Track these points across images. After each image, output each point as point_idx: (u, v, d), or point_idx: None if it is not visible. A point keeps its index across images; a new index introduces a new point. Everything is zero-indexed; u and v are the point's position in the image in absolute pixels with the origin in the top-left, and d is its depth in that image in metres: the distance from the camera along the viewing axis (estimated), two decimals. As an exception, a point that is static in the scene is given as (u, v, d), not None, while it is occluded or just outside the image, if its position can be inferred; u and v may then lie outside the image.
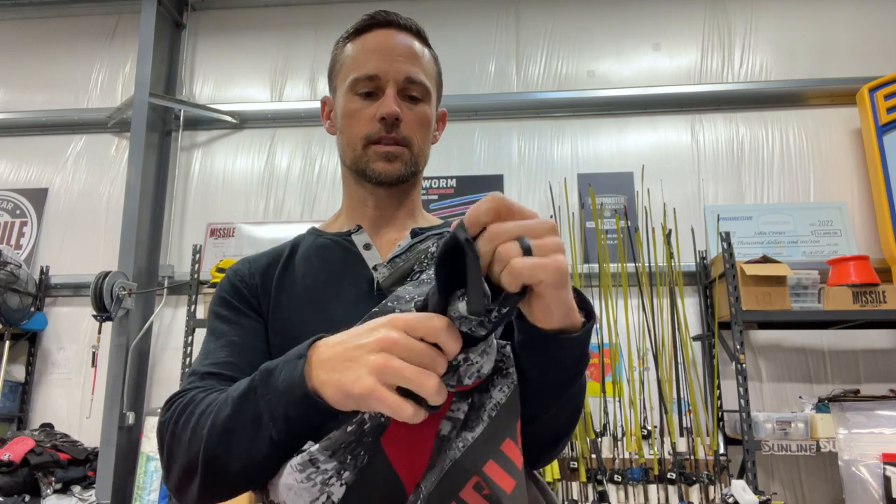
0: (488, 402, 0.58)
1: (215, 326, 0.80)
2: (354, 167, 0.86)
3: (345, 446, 0.55)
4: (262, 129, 3.62)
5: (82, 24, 3.85)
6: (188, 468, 0.63)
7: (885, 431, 2.50)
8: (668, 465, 2.82)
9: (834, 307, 2.64)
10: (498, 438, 0.56)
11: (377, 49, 0.83)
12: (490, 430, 0.56)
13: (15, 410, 3.25)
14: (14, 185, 3.64)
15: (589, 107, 3.44)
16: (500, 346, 0.61)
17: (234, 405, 0.60)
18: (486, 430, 0.56)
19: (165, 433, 0.66)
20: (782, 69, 3.36)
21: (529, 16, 3.61)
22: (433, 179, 3.38)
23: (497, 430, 0.57)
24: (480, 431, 0.56)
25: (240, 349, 0.76)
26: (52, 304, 3.46)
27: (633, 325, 3.05)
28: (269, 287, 0.82)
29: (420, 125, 0.85)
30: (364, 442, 0.56)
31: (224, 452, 0.60)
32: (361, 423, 0.55)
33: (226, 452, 0.60)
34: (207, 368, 0.73)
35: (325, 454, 0.55)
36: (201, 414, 0.63)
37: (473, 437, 0.56)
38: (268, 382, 0.59)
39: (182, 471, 0.63)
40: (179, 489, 0.65)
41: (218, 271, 3.00)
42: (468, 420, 0.57)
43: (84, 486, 2.89)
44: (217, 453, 0.60)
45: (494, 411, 0.57)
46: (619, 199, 3.26)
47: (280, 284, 0.82)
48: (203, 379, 0.72)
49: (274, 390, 0.58)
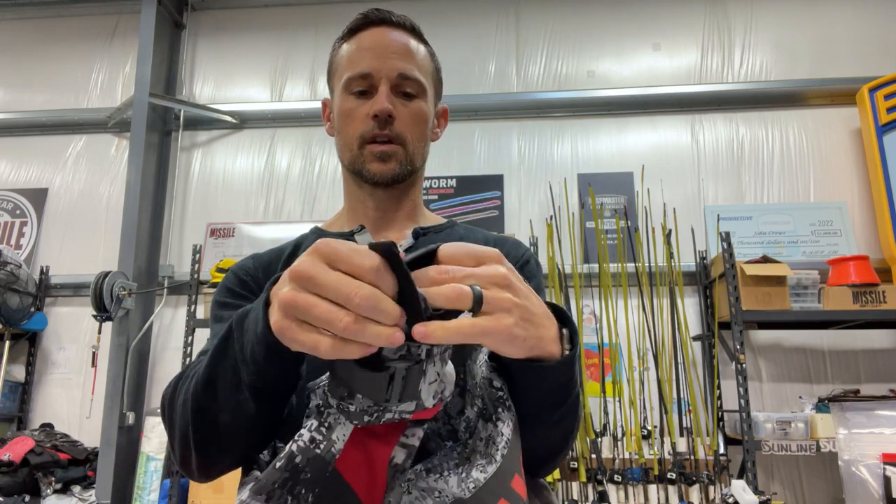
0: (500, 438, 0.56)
1: (220, 314, 0.79)
2: (352, 167, 0.86)
3: (279, 485, 0.50)
4: (262, 129, 3.62)
5: (82, 24, 3.85)
6: (183, 434, 0.60)
7: (885, 431, 2.50)
8: (668, 465, 2.82)
9: (834, 307, 2.64)
10: (508, 476, 0.55)
11: (371, 47, 0.83)
12: (502, 468, 0.55)
13: (15, 410, 3.25)
14: (14, 185, 3.64)
15: (589, 107, 3.44)
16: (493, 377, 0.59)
17: (214, 353, 0.57)
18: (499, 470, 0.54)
19: (165, 405, 0.64)
20: (782, 69, 3.36)
21: (529, 16, 3.61)
22: (433, 179, 3.38)
23: (507, 467, 0.55)
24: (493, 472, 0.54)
25: None
26: (52, 304, 3.47)
27: (633, 325, 3.05)
28: None
29: (415, 122, 0.84)
30: (304, 479, 0.50)
31: (211, 403, 0.57)
32: (291, 457, 0.50)
33: (213, 402, 0.57)
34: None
35: (260, 499, 0.50)
36: (192, 377, 0.61)
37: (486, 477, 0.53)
38: (241, 324, 0.55)
39: (180, 438, 0.61)
40: (183, 460, 0.63)
41: (218, 271, 3.00)
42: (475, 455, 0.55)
43: (84, 486, 2.89)
44: (204, 405, 0.58)
45: (506, 449, 0.55)
46: (619, 199, 3.26)
47: None
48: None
49: (244, 331, 0.54)
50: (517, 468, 0.56)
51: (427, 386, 0.48)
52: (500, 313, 0.47)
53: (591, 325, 3.09)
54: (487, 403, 0.59)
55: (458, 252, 0.48)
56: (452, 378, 0.52)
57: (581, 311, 3.08)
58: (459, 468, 0.55)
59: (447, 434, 0.59)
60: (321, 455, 0.50)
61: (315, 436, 0.50)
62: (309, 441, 0.50)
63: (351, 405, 0.48)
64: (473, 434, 0.57)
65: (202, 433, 0.59)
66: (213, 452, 0.60)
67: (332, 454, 0.50)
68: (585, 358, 3.04)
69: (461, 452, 0.56)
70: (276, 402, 0.58)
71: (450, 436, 0.58)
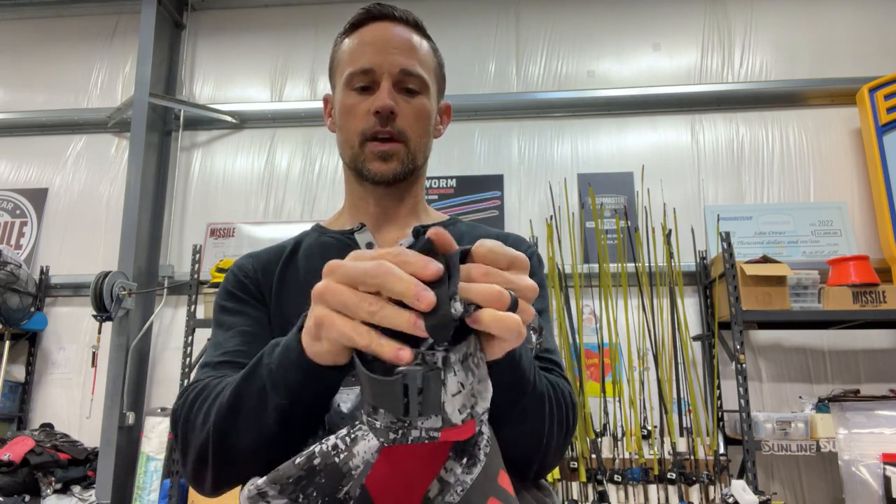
0: (481, 439, 0.54)
1: (223, 319, 0.79)
2: (353, 165, 0.85)
3: (294, 482, 0.50)
4: (262, 129, 3.62)
5: (82, 24, 3.85)
6: (201, 452, 0.61)
7: (885, 431, 2.50)
8: (668, 465, 2.82)
9: (834, 307, 2.64)
10: (493, 473, 0.54)
11: (373, 42, 0.82)
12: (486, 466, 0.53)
13: (15, 410, 3.25)
14: (14, 185, 3.64)
15: (589, 107, 3.44)
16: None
17: (242, 379, 0.58)
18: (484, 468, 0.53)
19: (179, 420, 0.64)
20: (782, 69, 3.36)
21: (529, 16, 3.61)
22: (433, 179, 3.38)
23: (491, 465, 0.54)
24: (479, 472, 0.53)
25: (251, 337, 0.75)
26: (52, 304, 3.47)
27: (633, 325, 3.05)
28: (271, 282, 0.82)
29: (417, 118, 0.83)
30: (317, 482, 0.50)
31: (232, 428, 0.58)
32: (311, 457, 0.50)
33: (234, 428, 0.58)
34: (220, 358, 0.72)
35: (274, 488, 0.50)
36: (214, 397, 0.62)
37: (472, 478, 0.52)
38: (273, 353, 0.57)
39: (196, 456, 0.61)
40: (196, 476, 0.63)
41: (218, 271, 3.00)
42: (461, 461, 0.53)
43: (84, 486, 2.89)
44: (226, 429, 0.58)
45: (488, 447, 0.54)
46: (619, 199, 3.26)
47: (281, 281, 0.82)
48: (216, 368, 0.71)
49: (274, 358, 0.56)
50: (500, 464, 0.56)
51: (451, 398, 0.46)
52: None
53: (591, 325, 3.09)
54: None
55: (492, 252, 0.50)
56: (487, 394, 0.51)
57: (581, 311, 3.08)
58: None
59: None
60: (338, 465, 0.49)
61: (338, 443, 0.50)
62: (332, 447, 0.50)
63: (377, 420, 0.47)
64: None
65: (222, 457, 0.59)
66: (230, 472, 0.61)
67: (349, 467, 0.49)
68: (585, 358, 3.04)
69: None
70: (300, 432, 0.58)
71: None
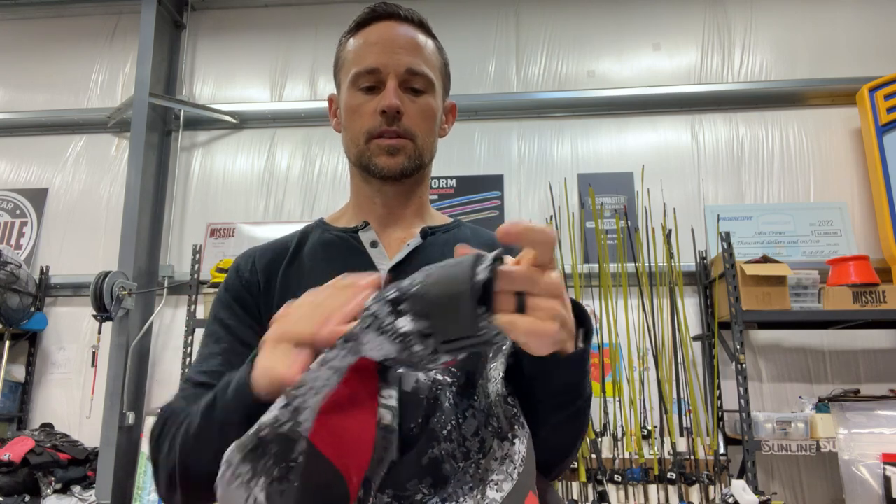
0: (517, 457, 0.57)
1: (213, 330, 0.80)
2: (359, 163, 0.84)
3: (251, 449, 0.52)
4: (262, 129, 3.62)
5: (82, 24, 3.85)
6: (170, 478, 0.66)
7: (885, 431, 2.50)
8: (668, 465, 2.81)
9: (834, 307, 2.64)
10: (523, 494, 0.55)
11: (378, 42, 0.82)
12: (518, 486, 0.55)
13: (15, 410, 3.25)
14: (14, 185, 3.64)
15: (589, 107, 3.44)
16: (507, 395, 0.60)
17: (205, 410, 0.63)
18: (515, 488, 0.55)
19: (151, 444, 0.70)
20: (782, 69, 3.36)
21: (529, 16, 3.61)
22: (433, 179, 3.38)
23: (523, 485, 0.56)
24: (509, 490, 0.55)
25: (235, 357, 0.76)
26: (52, 304, 3.46)
27: (633, 325, 3.05)
28: (273, 283, 0.82)
29: (423, 117, 0.83)
30: (272, 452, 0.51)
31: (195, 462, 0.63)
32: (259, 428, 0.52)
33: (196, 462, 0.62)
34: (199, 378, 0.75)
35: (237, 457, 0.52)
36: (179, 425, 0.66)
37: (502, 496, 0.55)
38: (225, 391, 0.62)
39: (166, 481, 0.67)
40: (167, 497, 0.68)
41: (218, 271, 3.00)
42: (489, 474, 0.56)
43: (84, 486, 2.89)
44: (189, 462, 0.63)
45: (522, 466, 0.56)
46: (619, 199, 3.26)
47: (284, 282, 0.82)
48: (194, 387, 0.74)
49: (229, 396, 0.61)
50: (531, 485, 0.57)
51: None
52: (549, 320, 0.52)
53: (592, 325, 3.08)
54: (503, 422, 0.59)
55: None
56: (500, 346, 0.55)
57: (581, 311, 3.07)
58: (474, 490, 0.55)
59: (461, 456, 0.59)
60: (286, 434, 0.52)
61: (279, 415, 0.52)
62: (272, 419, 0.52)
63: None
64: (488, 454, 0.58)
65: (186, 481, 0.64)
66: (196, 496, 0.66)
67: (298, 433, 0.51)
68: (585, 358, 3.03)
69: (474, 473, 0.57)
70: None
71: (464, 458, 0.59)
